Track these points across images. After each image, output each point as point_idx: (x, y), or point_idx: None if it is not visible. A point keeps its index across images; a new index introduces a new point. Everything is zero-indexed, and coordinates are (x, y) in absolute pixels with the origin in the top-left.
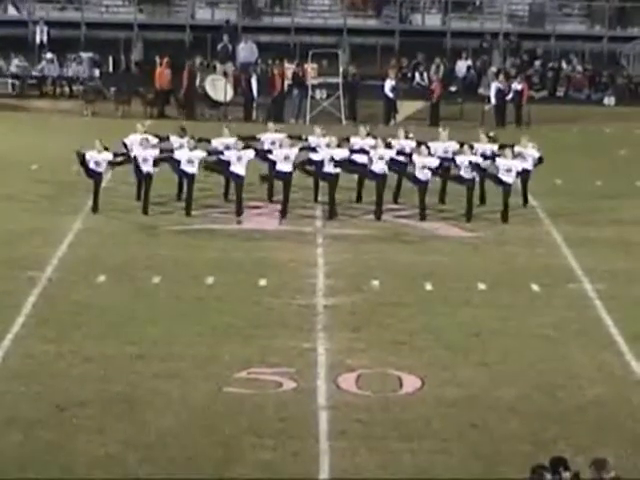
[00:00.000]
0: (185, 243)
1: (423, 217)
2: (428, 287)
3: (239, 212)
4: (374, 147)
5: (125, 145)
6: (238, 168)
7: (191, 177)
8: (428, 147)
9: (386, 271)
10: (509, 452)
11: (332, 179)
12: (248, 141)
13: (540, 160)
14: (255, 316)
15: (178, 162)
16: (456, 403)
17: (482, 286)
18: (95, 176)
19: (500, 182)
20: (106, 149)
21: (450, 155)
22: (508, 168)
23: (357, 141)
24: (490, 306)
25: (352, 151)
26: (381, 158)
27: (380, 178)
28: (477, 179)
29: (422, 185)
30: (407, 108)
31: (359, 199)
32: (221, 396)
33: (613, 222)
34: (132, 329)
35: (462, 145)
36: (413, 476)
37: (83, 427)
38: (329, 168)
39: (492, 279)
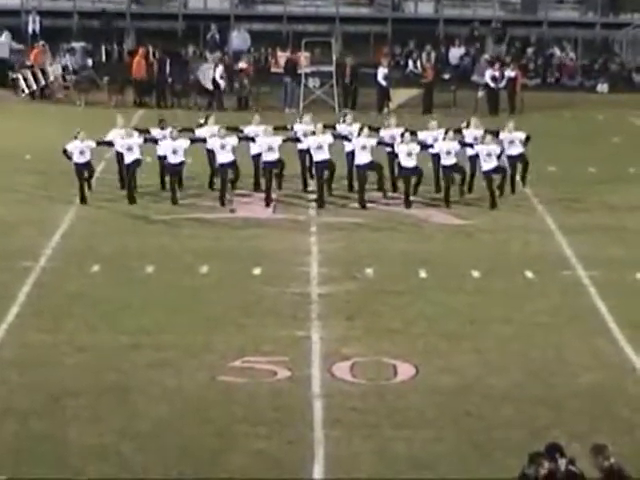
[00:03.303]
0: (178, 232)
1: (408, 205)
2: (422, 275)
3: (223, 202)
4: (357, 135)
5: (107, 141)
6: (224, 157)
7: (178, 166)
8: (415, 134)
9: (380, 259)
10: (503, 439)
11: (323, 167)
12: (232, 132)
13: (528, 138)
14: (249, 305)
15: (164, 157)
16: (450, 391)
17: (476, 273)
18: (82, 168)
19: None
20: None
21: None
22: (488, 153)
23: (343, 128)
24: (484, 293)
25: (335, 136)
26: (364, 148)
27: (362, 168)
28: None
29: (408, 172)
30: (400, 96)
31: (350, 188)
32: (215, 385)
33: (607, 209)
34: (126, 319)
35: (447, 132)
36: (408, 464)
37: (77, 417)
38: (317, 156)
39: (486, 266)
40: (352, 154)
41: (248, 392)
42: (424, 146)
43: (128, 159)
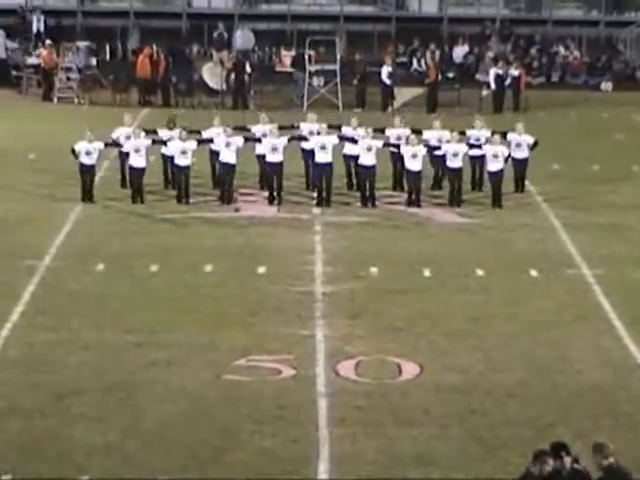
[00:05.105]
0: (182, 231)
1: (417, 204)
2: (426, 273)
3: (229, 200)
4: (363, 137)
5: (114, 141)
6: (227, 156)
7: (186, 169)
8: (420, 132)
9: (384, 258)
10: (508, 437)
11: (327, 169)
12: (240, 131)
13: (535, 144)
14: (253, 303)
15: (171, 157)
16: (455, 389)
17: (480, 272)
18: (87, 170)
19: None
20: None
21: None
22: (495, 154)
23: (348, 130)
24: (488, 292)
25: (341, 138)
26: (369, 149)
27: (368, 170)
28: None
29: (413, 175)
30: (404, 94)
31: (350, 186)
32: (220, 383)
33: (611, 207)
34: (130, 317)
35: (452, 131)
36: (413, 462)
37: (82, 415)
38: (319, 158)
39: (490, 265)
40: (352, 158)
41: (253, 391)
42: (431, 148)
43: (135, 162)
